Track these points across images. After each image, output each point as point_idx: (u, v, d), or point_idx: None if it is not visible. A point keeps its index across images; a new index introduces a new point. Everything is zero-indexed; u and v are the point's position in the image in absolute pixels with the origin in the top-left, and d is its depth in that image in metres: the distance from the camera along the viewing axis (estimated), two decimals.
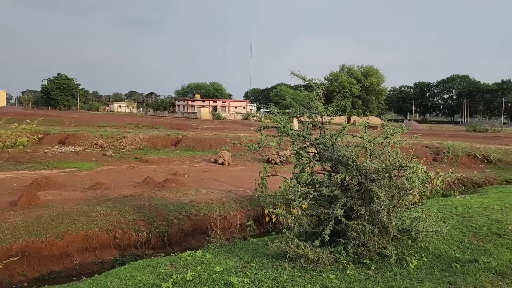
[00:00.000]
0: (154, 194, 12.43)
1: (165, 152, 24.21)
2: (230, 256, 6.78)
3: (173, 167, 18.97)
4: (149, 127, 39.93)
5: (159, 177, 15.18)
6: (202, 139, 26.53)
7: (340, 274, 5.86)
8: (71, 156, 21.68)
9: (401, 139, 7.29)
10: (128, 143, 25.39)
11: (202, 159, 22.06)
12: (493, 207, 10.56)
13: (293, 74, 6.92)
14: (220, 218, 9.20)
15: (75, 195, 12.17)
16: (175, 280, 5.56)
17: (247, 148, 7.14)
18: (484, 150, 23.90)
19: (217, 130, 36.72)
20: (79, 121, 42.86)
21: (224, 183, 14.81)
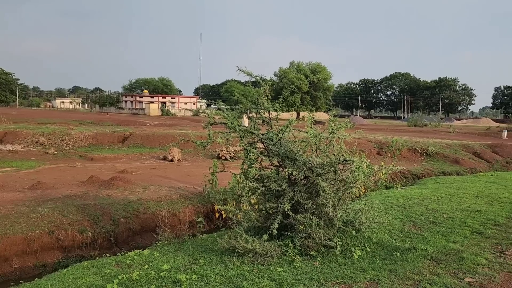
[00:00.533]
0: (100, 193, 12.04)
1: (112, 150, 23.47)
2: (178, 254, 6.72)
3: (120, 165, 18.44)
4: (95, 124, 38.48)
5: (105, 175, 14.71)
6: (150, 135, 25.98)
7: (288, 266, 5.99)
8: (9, 155, 20.48)
9: (345, 134, 7.54)
10: (72, 141, 24.35)
11: (151, 156, 21.61)
12: (431, 197, 11.21)
13: (240, 70, 6.95)
14: (169, 215, 9.08)
15: (13, 196, 11.52)
16: (121, 280, 5.43)
17: (196, 144, 7.10)
18: (423, 143, 25.28)
19: (166, 127, 36.09)
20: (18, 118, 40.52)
21: (174, 180, 14.62)
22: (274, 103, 7.10)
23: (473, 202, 10.52)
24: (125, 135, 26.21)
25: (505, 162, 23.68)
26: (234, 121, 6.96)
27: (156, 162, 20.02)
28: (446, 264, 6.02)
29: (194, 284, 5.33)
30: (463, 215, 9.10)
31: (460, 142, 28.03)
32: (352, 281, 5.41)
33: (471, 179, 15.87)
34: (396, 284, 5.29)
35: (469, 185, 13.50)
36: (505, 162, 23.69)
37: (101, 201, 11.10)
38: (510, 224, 8.36)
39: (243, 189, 6.69)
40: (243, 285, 5.26)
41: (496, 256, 6.39)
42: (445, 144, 26.00)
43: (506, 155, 24.87)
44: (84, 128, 29.61)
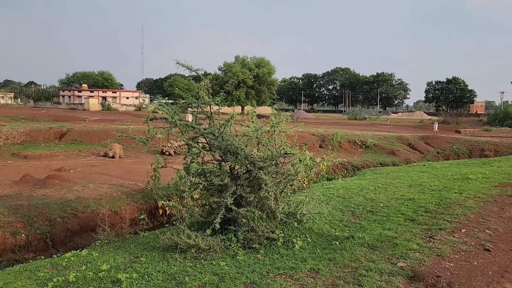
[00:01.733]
0: (34, 193, 11.42)
1: (48, 147, 22.28)
2: (118, 253, 6.54)
3: (57, 163, 17.57)
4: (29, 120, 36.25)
5: (40, 174, 13.96)
6: (90, 131, 24.94)
7: (231, 260, 6.02)
8: None
9: (286, 128, 7.67)
10: (3, 138, 22.81)
11: (91, 152, 20.77)
12: (368, 187, 11.73)
13: (179, 64, 6.85)
14: (109, 213, 8.79)
15: None
16: (56, 283, 5.20)
17: (135, 140, 6.92)
18: (363, 136, 26.34)
19: (107, 122, 34.81)
20: None
21: (115, 177, 14.17)
22: (216, 97, 7.08)
23: (407, 191, 11.13)
24: (63, 131, 24.98)
25: (436, 153, 25.23)
26: (175, 115, 6.86)
27: (96, 159, 19.28)
28: (381, 251, 6.33)
29: (135, 283, 5.21)
30: (397, 204, 9.61)
31: (396, 135, 29.50)
32: (294, 271, 5.54)
33: (406, 169, 16.78)
34: (335, 272, 5.49)
35: (404, 175, 14.27)
36: (436, 153, 25.24)
37: (35, 201, 10.53)
38: (439, 210, 8.95)
39: (185, 184, 6.61)
40: (185, 281, 5.22)
41: (426, 241, 6.81)
42: (382, 137, 27.24)
43: (437, 146, 26.50)
44: (17, 125, 27.83)
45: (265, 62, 77.47)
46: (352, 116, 67.48)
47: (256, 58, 78.53)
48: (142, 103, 77.18)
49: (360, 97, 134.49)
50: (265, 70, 75.90)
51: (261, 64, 76.51)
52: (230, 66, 76.53)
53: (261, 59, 77.95)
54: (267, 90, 78.52)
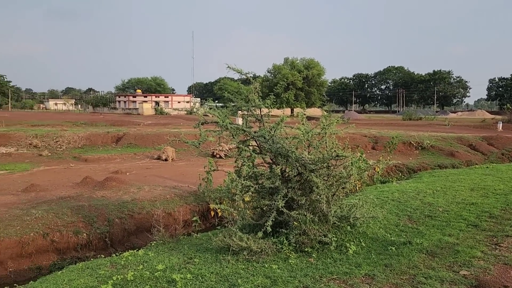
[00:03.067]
0: (94, 194, 11.99)
1: (106, 150, 23.38)
2: (173, 253, 6.69)
3: (114, 165, 18.37)
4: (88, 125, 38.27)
5: (99, 176, 14.64)
6: (144, 135, 25.90)
7: (283, 263, 5.97)
8: (2, 158, 20.36)
9: (337, 130, 7.51)
10: (66, 142, 24.24)
11: (145, 156, 21.54)
12: (426, 191, 11.23)
13: (229, 68, 6.90)
14: (163, 215, 9.08)
15: (7, 199, 11.45)
16: (115, 281, 5.40)
17: (187, 144, 7.06)
18: (419, 137, 25.34)
19: (160, 126, 35.97)
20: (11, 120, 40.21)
21: (168, 180, 14.57)
22: (265, 99, 7.07)
23: (468, 195, 10.55)
24: (119, 135, 26.12)
25: (501, 154, 23.80)
26: (225, 119, 6.92)
27: (150, 161, 19.96)
28: (441, 258, 6.02)
29: (189, 284, 5.30)
30: (458, 208, 9.12)
31: (456, 135, 28.14)
32: (348, 276, 5.40)
33: (467, 171, 15.92)
34: (392, 279, 5.29)
35: (465, 178, 13.54)
36: (500, 154, 23.81)
37: (95, 202, 11.04)
38: (505, 216, 8.39)
39: (237, 187, 6.64)
40: (238, 283, 5.24)
41: (491, 249, 6.40)
42: (440, 137, 26.09)
43: (501, 147, 24.99)
44: (77, 129, 29.46)
45: (315, 63, 76.73)
46: (407, 116, 65.04)
47: (306, 60, 77.98)
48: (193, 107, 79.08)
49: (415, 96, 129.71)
50: (315, 71, 75.13)
51: (311, 66, 75.83)
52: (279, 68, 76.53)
53: (311, 60, 77.29)
54: (317, 92, 77.68)
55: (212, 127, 7.27)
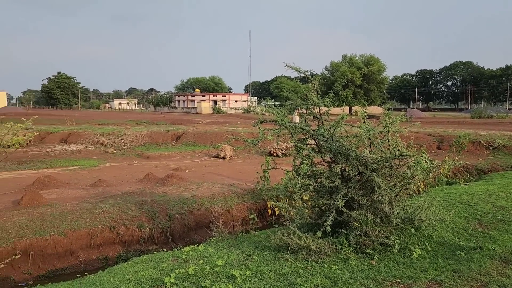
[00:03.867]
0: (156, 190, 12.44)
1: (166, 148, 24.22)
2: (232, 250, 6.78)
3: (174, 163, 18.98)
4: (150, 123, 39.91)
5: (160, 173, 15.19)
6: (203, 133, 26.52)
7: (343, 264, 5.85)
8: (73, 155, 21.73)
9: (401, 128, 7.23)
10: (129, 140, 25.42)
11: (203, 153, 22.05)
12: (498, 193, 10.49)
13: (288, 67, 6.86)
14: (222, 212, 9.21)
15: (77, 193, 12.19)
16: (177, 274, 5.56)
17: (246, 142, 7.11)
18: (489, 136, 23.76)
19: (217, 124, 36.68)
20: (80, 120, 42.89)
21: (226, 177, 14.81)
22: (325, 98, 6.95)
23: None
24: (179, 133, 26.94)
25: None
26: (284, 117, 6.89)
27: (208, 159, 20.40)
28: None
29: (248, 280, 5.34)
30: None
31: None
32: (412, 281, 5.17)
33: None
34: (461, 285, 4.99)
35: None
36: None
37: (157, 197, 11.46)
38: None
39: (295, 186, 6.60)
40: (297, 282, 5.20)
41: None
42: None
43: None
44: (140, 128, 30.78)
45: (375, 60, 74.39)
46: (476, 114, 60.89)
47: (365, 56, 75.81)
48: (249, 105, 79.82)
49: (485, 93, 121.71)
50: (375, 68, 72.84)
51: (370, 62, 73.60)
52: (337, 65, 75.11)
53: (370, 57, 75.05)
54: (377, 89, 75.31)
55: (270, 125, 7.28)
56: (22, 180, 14.46)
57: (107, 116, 55.18)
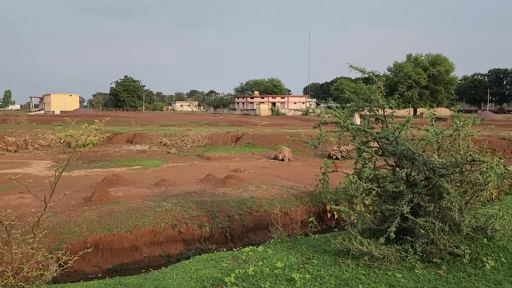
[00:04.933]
0: (216, 190, 12.67)
1: (226, 149, 24.64)
2: (291, 252, 6.73)
3: (233, 164, 19.25)
4: (210, 125, 40.84)
5: (220, 174, 15.46)
6: (261, 135, 26.68)
7: (408, 273, 5.60)
8: (138, 155, 22.73)
9: (473, 131, 6.80)
10: (190, 141, 26.15)
11: (262, 155, 22.17)
12: None
13: (352, 67, 6.70)
14: (281, 214, 9.18)
15: (142, 192, 12.71)
16: (237, 274, 5.62)
17: (307, 144, 7.03)
18: None
19: (276, 126, 36.76)
20: (145, 121, 44.79)
21: (285, 179, 14.77)
22: (390, 99, 6.71)
23: None
24: (238, 135, 27.30)
25: None
26: (346, 119, 6.74)
27: (267, 161, 20.48)
28: None
29: (308, 284, 5.27)
30: None
31: None
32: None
33: None
34: None
35: None
36: None
37: (217, 198, 11.67)
38: None
39: (357, 190, 6.42)
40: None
41: None
42: None
43: None
44: (200, 129, 31.58)
45: (442, 59, 70.45)
46: None
47: (431, 56, 72.02)
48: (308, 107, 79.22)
49: None
50: (442, 68, 69.02)
51: (437, 62, 69.78)
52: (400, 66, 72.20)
53: (437, 56, 71.19)
54: (444, 90, 71.34)
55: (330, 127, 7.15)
56: (92, 178, 15.35)
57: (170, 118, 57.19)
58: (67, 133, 5.19)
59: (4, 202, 11.21)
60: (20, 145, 24.70)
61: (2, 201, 11.41)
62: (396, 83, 66.80)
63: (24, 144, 24.94)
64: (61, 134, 7.45)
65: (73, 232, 9.13)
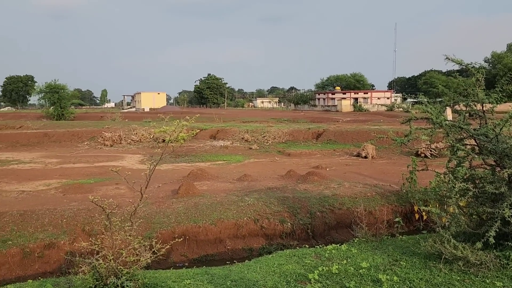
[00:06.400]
0: (297, 187, 12.66)
1: (307, 146, 24.51)
2: (377, 253, 6.51)
3: (314, 160, 19.09)
4: (290, 121, 40.92)
5: (301, 170, 15.42)
6: (343, 132, 26.11)
7: (509, 282, 5.13)
8: (220, 150, 23.49)
9: None
10: (271, 137, 26.40)
11: (344, 152, 21.71)
12: None
13: (448, 59, 6.26)
14: (365, 213, 8.91)
15: (225, 186, 13.11)
16: (321, 272, 5.56)
17: (395, 141, 6.72)
18: None
19: (359, 123, 35.76)
20: (227, 117, 46.11)
21: (368, 177, 14.32)
22: (491, 93, 6.17)
23: None
24: (319, 131, 27.00)
25: None
26: (439, 115, 6.33)
27: (349, 158, 20.01)
28: None
29: (396, 286, 5.06)
30: None
31: None
32: None
33: None
34: None
35: None
36: None
37: (298, 194, 11.65)
38: None
39: (451, 190, 6.00)
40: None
41: None
42: None
43: None
44: (281, 126, 31.75)
45: None
46: None
47: None
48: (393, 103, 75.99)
49: None
50: None
51: None
52: (499, 56, 66.15)
53: None
54: None
55: (419, 123, 6.77)
56: (179, 172, 16.16)
57: (251, 114, 58.28)
58: (161, 129, 5.52)
59: (103, 192, 12.24)
60: (115, 140, 26.83)
61: (101, 191, 12.47)
62: (493, 76, 61.41)
63: (119, 139, 27.03)
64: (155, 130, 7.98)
65: (162, 222, 9.70)
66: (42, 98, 52.06)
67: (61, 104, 49.17)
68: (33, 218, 9.36)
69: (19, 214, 9.48)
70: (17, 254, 8.41)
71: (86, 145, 26.41)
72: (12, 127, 34.84)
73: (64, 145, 26.64)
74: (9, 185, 13.80)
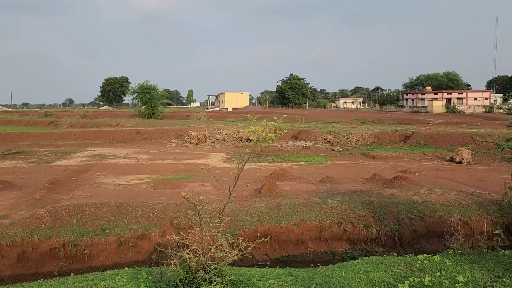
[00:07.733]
0: (383, 191, 12.12)
1: (393, 148, 23.42)
2: (475, 267, 5.97)
3: (402, 164, 18.17)
4: (376, 123, 39.43)
5: (387, 174, 14.75)
6: (435, 135, 24.50)
7: None
8: (302, 151, 23.35)
9: None
10: (355, 139, 25.64)
11: (435, 156, 20.38)
12: None
13: None
14: (460, 222, 8.24)
15: (307, 187, 12.98)
16: (412, 282, 5.23)
17: (500, 146, 6.10)
18: None
19: (452, 125, 33.35)
20: (309, 118, 45.74)
21: (463, 184, 13.26)
22: None
23: None
24: (407, 134, 25.67)
25: None
26: None
27: (441, 163, 18.74)
28: None
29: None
30: None
31: None
32: None
33: None
34: None
35: None
36: None
37: (384, 199, 11.15)
38: None
39: None
40: None
41: None
42: None
43: None
44: (366, 127, 30.73)
45: None
46: None
47: None
48: (493, 103, 69.92)
49: None
50: None
51: None
52: None
53: None
54: None
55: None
56: (261, 171, 16.35)
57: (333, 115, 57.25)
58: (250, 129, 5.57)
59: (189, 188, 12.78)
60: (200, 139, 27.93)
61: (187, 187, 13.03)
62: None
63: (204, 138, 28.10)
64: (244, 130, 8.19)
65: (245, 220, 9.85)
66: (135, 98, 55.84)
67: (152, 104, 52.32)
68: (128, 210, 10.03)
69: (115, 206, 10.22)
70: (114, 243, 9.07)
71: (174, 143, 27.84)
72: (110, 124, 38.03)
73: (154, 142, 28.35)
74: (107, 178, 15.00)
